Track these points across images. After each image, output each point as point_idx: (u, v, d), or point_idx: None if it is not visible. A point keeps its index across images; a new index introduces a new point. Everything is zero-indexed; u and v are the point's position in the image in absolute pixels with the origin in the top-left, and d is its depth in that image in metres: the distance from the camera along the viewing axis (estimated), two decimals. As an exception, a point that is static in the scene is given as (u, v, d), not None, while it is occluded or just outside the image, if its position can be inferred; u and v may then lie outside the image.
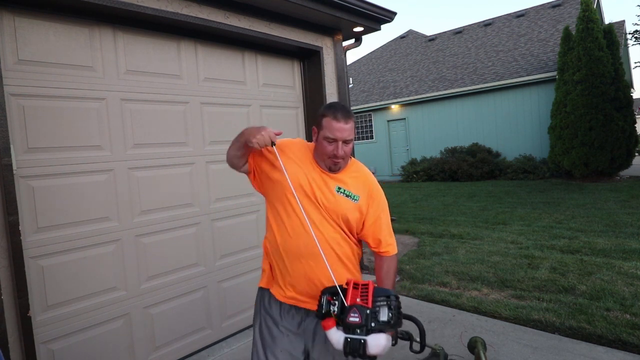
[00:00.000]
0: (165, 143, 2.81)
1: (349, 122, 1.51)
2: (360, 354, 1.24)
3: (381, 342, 1.25)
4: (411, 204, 9.19)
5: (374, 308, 1.29)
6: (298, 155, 1.61)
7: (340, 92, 3.99)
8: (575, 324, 3.00)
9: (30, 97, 2.22)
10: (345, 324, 1.26)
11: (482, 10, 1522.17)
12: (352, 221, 1.57)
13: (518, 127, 12.44)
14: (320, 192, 1.54)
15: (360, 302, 1.29)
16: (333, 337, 1.28)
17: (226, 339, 3.08)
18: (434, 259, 4.87)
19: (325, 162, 1.55)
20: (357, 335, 1.24)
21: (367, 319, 1.26)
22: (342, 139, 1.50)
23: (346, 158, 1.56)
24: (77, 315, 2.35)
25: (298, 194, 1.51)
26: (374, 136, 16.00)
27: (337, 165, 1.55)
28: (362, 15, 3.77)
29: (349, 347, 1.24)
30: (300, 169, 1.57)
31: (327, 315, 1.31)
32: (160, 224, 2.75)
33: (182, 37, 2.93)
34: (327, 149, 1.51)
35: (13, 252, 2.05)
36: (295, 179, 1.53)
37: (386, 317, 1.28)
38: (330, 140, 1.50)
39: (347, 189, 1.57)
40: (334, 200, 1.54)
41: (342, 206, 1.55)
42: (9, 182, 2.05)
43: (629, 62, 16.54)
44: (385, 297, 1.31)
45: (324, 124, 1.52)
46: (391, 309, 1.30)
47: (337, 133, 1.49)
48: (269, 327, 1.62)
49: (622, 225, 5.70)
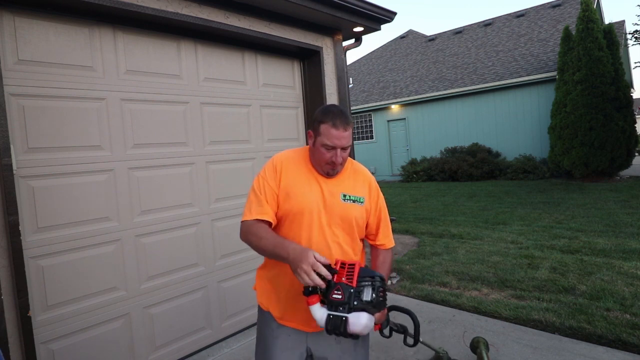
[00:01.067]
0: (165, 143, 2.81)
1: (348, 129, 1.48)
2: (341, 332, 1.25)
3: (362, 320, 1.25)
4: (411, 204, 9.19)
5: (358, 287, 1.30)
6: (298, 174, 1.55)
7: (340, 92, 3.99)
8: (575, 324, 3.00)
9: (30, 97, 2.23)
10: (329, 300, 1.28)
11: (482, 11, 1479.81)
12: (361, 223, 1.58)
13: (518, 127, 12.45)
14: (330, 206, 1.52)
15: (345, 281, 1.30)
16: (317, 313, 1.30)
17: (226, 339, 3.08)
18: (434, 259, 4.87)
19: (322, 168, 1.53)
20: (339, 312, 1.26)
21: (349, 297, 1.27)
22: (340, 147, 1.46)
23: (344, 163, 1.54)
24: (77, 315, 2.35)
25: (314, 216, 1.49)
26: (374, 136, 16.00)
27: (335, 171, 1.53)
28: (362, 15, 3.77)
29: (330, 323, 1.26)
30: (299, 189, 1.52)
31: (313, 292, 1.32)
32: (160, 224, 2.75)
33: (182, 37, 2.93)
34: (325, 156, 1.48)
35: (13, 252, 2.05)
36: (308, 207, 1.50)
37: (369, 297, 1.29)
38: (329, 147, 1.46)
39: (352, 194, 1.56)
40: (342, 208, 1.53)
41: (351, 213, 1.54)
42: (9, 182, 2.05)
43: (629, 62, 16.55)
44: (370, 278, 1.32)
45: (322, 130, 1.47)
46: (375, 290, 1.31)
47: (336, 141, 1.45)
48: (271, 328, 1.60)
49: (622, 225, 5.70)
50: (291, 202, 1.50)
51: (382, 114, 15.58)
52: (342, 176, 1.59)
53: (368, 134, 16.18)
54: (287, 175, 1.54)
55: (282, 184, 1.52)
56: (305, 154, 1.61)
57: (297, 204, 1.50)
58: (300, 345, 1.57)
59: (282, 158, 1.59)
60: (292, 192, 1.51)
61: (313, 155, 1.55)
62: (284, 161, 1.57)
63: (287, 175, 1.54)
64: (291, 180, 1.53)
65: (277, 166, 1.55)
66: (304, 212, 1.49)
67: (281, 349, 1.56)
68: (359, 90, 17.23)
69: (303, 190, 1.52)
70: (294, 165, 1.57)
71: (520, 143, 12.36)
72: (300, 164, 1.58)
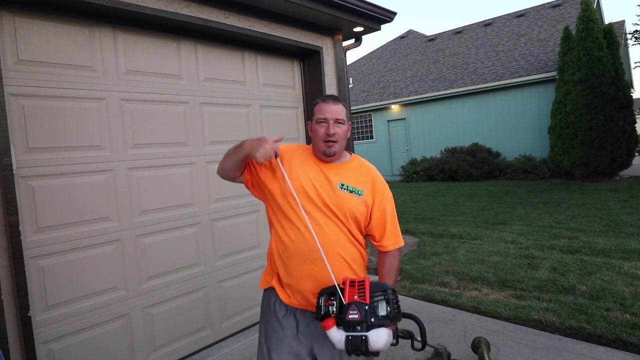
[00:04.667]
0: (165, 143, 2.81)
1: (338, 104, 1.58)
2: (363, 351, 1.23)
3: (382, 336, 1.25)
4: (411, 204, 9.19)
5: (372, 303, 1.28)
6: (297, 157, 1.63)
7: (340, 92, 3.99)
8: (575, 324, 3.00)
9: (30, 97, 2.22)
10: (345, 321, 1.26)
11: (482, 11, 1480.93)
12: (359, 216, 1.57)
13: (518, 127, 12.45)
14: (324, 192, 1.54)
15: (358, 299, 1.28)
16: (334, 336, 1.28)
17: (226, 339, 3.08)
18: (434, 259, 4.87)
19: (320, 147, 1.57)
20: (357, 332, 1.24)
21: (366, 314, 1.25)
22: (332, 119, 1.55)
23: (340, 142, 1.57)
24: (77, 315, 2.35)
25: (301, 198, 1.51)
26: (374, 136, 16.00)
27: (332, 149, 1.56)
28: (362, 15, 3.77)
29: (350, 345, 1.23)
30: (301, 171, 1.58)
31: (326, 316, 1.30)
32: (160, 224, 2.75)
33: (182, 37, 2.93)
34: (320, 131, 1.56)
35: (13, 252, 2.05)
36: (298, 184, 1.54)
37: (385, 312, 1.28)
38: (322, 120, 1.57)
39: (350, 185, 1.57)
40: (338, 197, 1.54)
41: (347, 203, 1.54)
42: (9, 182, 2.05)
43: (629, 62, 16.55)
44: (382, 292, 1.32)
45: (315, 109, 1.61)
46: (389, 303, 1.30)
47: (327, 113, 1.56)
48: (276, 330, 1.60)
49: (622, 225, 5.70)
50: (292, 179, 1.55)
51: (382, 114, 15.58)
52: (345, 167, 1.62)
53: (368, 134, 16.18)
54: (293, 160, 1.61)
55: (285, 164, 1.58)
56: (309, 149, 1.68)
57: (297, 180, 1.55)
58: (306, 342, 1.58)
59: (287, 147, 1.68)
60: (294, 171, 1.57)
61: (312, 139, 1.63)
62: (288, 149, 1.67)
63: (293, 160, 1.61)
64: (295, 165, 1.60)
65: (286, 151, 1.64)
66: (302, 190, 1.53)
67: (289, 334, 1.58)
68: (359, 90, 17.23)
69: (301, 173, 1.57)
70: (299, 153, 1.65)
71: (520, 143, 12.36)
72: (304, 153, 1.66)
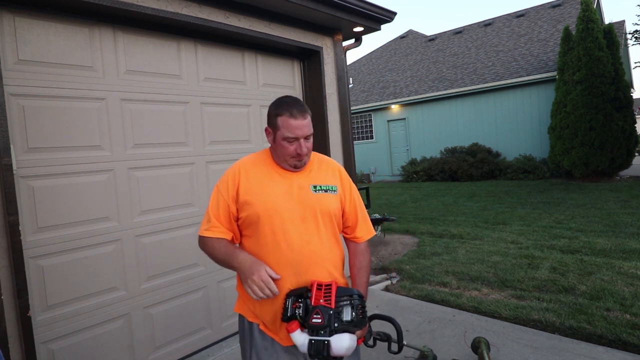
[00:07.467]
0: (165, 143, 2.81)
1: (307, 117, 1.44)
2: (325, 356, 1.23)
3: (344, 342, 1.24)
4: (411, 204, 9.19)
5: (337, 308, 1.28)
6: (260, 176, 1.49)
7: (340, 92, 3.99)
8: (575, 324, 3.00)
9: (30, 97, 2.22)
10: (309, 325, 1.26)
11: (482, 11, 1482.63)
12: (338, 213, 1.54)
13: (518, 127, 12.45)
14: (301, 199, 1.46)
15: (324, 303, 1.28)
16: (297, 339, 1.28)
17: (226, 339, 3.08)
18: (434, 259, 4.87)
19: (288, 162, 1.47)
20: (320, 336, 1.24)
21: (329, 319, 1.25)
22: (302, 136, 1.42)
23: (309, 153, 1.49)
24: (77, 315, 2.35)
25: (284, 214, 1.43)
26: (374, 136, 16.00)
27: (302, 162, 1.47)
28: (362, 15, 3.77)
29: (312, 349, 1.23)
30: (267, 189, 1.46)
31: (292, 319, 1.30)
32: (160, 224, 2.75)
33: (182, 37, 2.93)
34: (289, 150, 1.43)
35: (13, 252, 2.05)
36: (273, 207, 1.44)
37: (349, 317, 1.28)
38: (291, 140, 1.41)
39: (322, 184, 1.51)
40: (315, 200, 1.47)
41: (326, 204, 1.49)
42: (9, 182, 2.05)
43: (629, 62, 16.55)
44: (348, 297, 1.31)
45: (280, 123, 1.42)
46: (354, 308, 1.29)
47: (297, 131, 1.40)
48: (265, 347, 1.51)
49: (622, 225, 5.70)
50: (255, 205, 1.44)
51: (382, 114, 15.58)
52: (308, 169, 1.54)
53: (368, 134, 16.18)
54: (248, 179, 1.48)
55: (242, 190, 1.46)
56: (266, 155, 1.56)
57: (261, 205, 1.43)
58: None
59: (240, 164, 1.54)
60: (254, 195, 1.45)
61: (275, 152, 1.50)
62: (242, 166, 1.52)
63: (248, 179, 1.48)
64: (253, 183, 1.47)
65: (236, 173, 1.50)
66: (271, 212, 1.43)
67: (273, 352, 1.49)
68: (359, 90, 17.23)
69: (267, 190, 1.46)
70: (254, 167, 1.51)
71: (520, 143, 12.36)
72: (260, 165, 1.52)
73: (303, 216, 1.45)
